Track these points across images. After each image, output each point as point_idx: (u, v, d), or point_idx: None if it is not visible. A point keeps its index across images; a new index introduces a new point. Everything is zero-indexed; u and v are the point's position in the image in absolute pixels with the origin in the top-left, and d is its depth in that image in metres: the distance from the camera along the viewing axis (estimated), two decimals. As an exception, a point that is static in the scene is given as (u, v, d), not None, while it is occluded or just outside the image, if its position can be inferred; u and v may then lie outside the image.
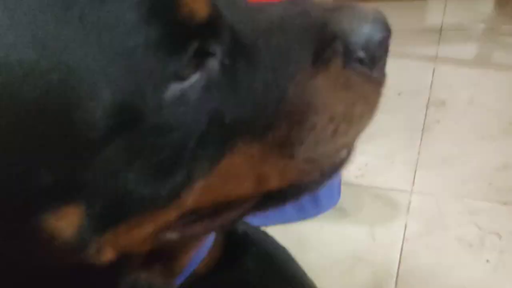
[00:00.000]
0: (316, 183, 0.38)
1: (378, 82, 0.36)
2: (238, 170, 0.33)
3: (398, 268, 0.78)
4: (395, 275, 0.77)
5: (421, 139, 0.98)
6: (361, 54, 0.34)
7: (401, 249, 0.80)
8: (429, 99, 1.07)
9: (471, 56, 1.15)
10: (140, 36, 0.27)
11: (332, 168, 0.38)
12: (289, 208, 0.91)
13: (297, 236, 0.82)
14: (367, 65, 0.34)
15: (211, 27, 0.30)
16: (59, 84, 0.26)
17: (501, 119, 1.00)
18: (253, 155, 0.33)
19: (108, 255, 0.31)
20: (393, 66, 1.36)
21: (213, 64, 0.31)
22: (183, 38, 0.29)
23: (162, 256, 0.40)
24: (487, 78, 1.10)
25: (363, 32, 0.34)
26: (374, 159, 0.94)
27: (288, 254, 0.68)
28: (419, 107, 1.04)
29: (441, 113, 1.03)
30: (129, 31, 0.27)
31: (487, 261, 0.78)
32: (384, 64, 0.37)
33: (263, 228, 0.65)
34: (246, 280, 0.61)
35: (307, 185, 0.37)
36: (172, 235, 0.35)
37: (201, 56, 0.30)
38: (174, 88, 0.29)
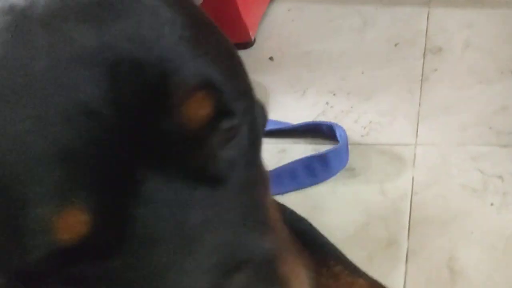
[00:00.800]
0: None
1: None
2: None
3: (410, 220, 0.83)
4: (407, 227, 0.82)
5: (420, 90, 1.00)
6: None
7: (411, 201, 0.85)
8: (425, 46, 1.08)
9: (463, -4, 1.16)
10: None
11: None
12: (300, 173, 0.95)
13: (312, 203, 0.87)
14: None
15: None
16: None
17: (497, 60, 1.02)
18: None
19: None
20: (387, 17, 1.36)
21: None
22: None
23: None
24: (482, 17, 1.11)
25: None
26: (376, 116, 0.97)
27: (309, 224, 0.73)
28: (416, 56, 1.06)
29: (438, 60, 1.05)
30: None
31: (492, 204, 0.83)
32: None
33: (279, 200, 0.69)
34: None
35: None
36: None
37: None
38: None
